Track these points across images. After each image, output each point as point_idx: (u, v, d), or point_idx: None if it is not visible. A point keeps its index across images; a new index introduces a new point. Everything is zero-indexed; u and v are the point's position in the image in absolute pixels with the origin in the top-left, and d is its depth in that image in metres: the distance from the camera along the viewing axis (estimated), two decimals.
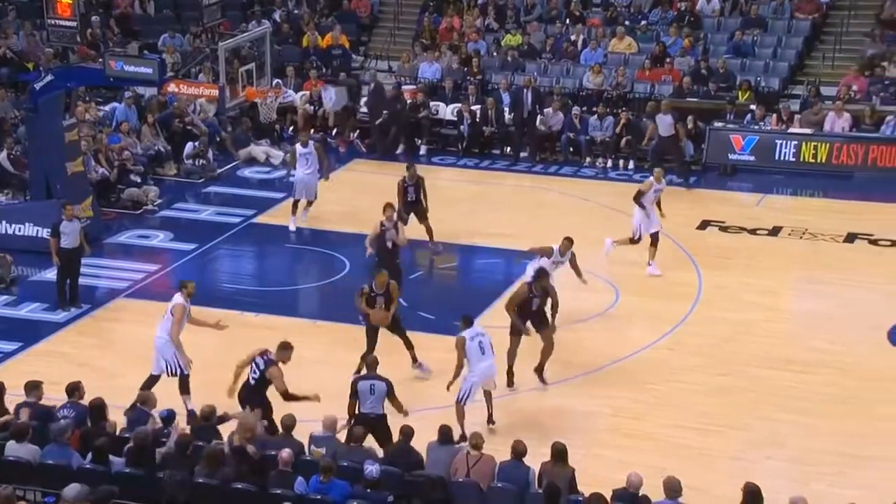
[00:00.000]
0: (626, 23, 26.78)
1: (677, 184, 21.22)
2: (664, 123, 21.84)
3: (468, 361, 13.02)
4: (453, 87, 25.13)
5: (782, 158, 22.64)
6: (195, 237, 19.37)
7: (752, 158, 22.86)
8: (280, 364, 12.42)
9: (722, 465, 12.66)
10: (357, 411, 12.29)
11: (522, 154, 23.81)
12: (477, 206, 20.91)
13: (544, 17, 27.68)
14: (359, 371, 13.52)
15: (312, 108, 24.80)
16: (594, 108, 24.14)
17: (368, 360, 12.88)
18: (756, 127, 23.14)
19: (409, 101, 24.25)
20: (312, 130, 23.73)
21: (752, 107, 23.52)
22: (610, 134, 23.55)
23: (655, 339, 15.69)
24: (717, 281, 17.49)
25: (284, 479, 10.62)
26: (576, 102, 24.52)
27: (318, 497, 10.40)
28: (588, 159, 23.59)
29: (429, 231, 18.38)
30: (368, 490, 10.48)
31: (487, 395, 13.42)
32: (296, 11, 28.54)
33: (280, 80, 24.54)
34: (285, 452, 10.72)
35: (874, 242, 19.02)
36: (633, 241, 17.64)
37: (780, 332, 15.92)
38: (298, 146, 19.87)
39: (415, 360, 14.61)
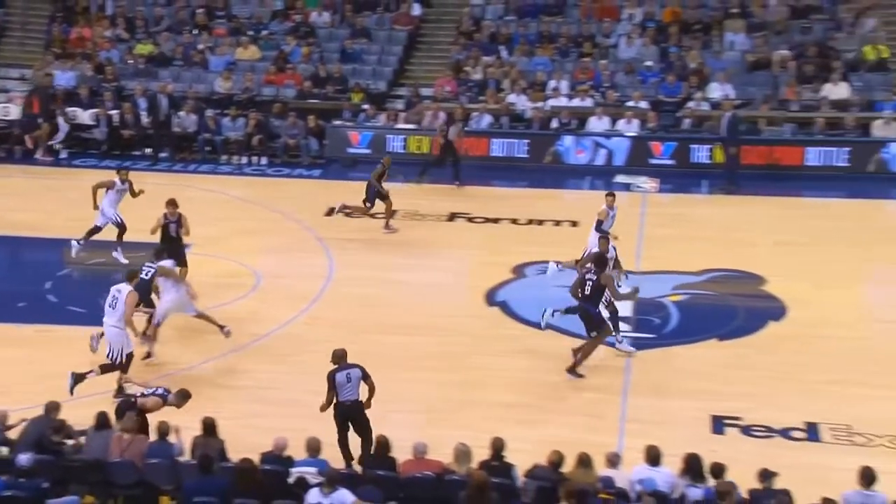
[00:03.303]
0: (250, 32, 26.61)
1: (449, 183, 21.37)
2: (455, 130, 21.86)
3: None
4: (90, 94, 24.07)
5: (394, 150, 23.32)
6: None
7: (368, 151, 23.35)
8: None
9: None
10: (336, 401, 11.52)
11: (162, 154, 23.14)
12: (123, 205, 20.03)
13: (173, 28, 26.96)
14: None
15: None
16: (226, 111, 23.92)
17: (338, 352, 11.91)
18: (369, 124, 23.75)
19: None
20: None
21: (365, 106, 24.08)
22: (242, 133, 23.39)
23: (293, 315, 15.75)
24: (345, 261, 17.70)
25: None
26: (209, 105, 24.15)
27: None
28: (224, 157, 23.32)
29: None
30: (21, 479, 9.77)
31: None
32: None
33: None
34: None
35: (471, 220, 19.99)
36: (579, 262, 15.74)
37: (401, 302, 16.24)
38: None
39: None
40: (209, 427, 10.79)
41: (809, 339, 14.62)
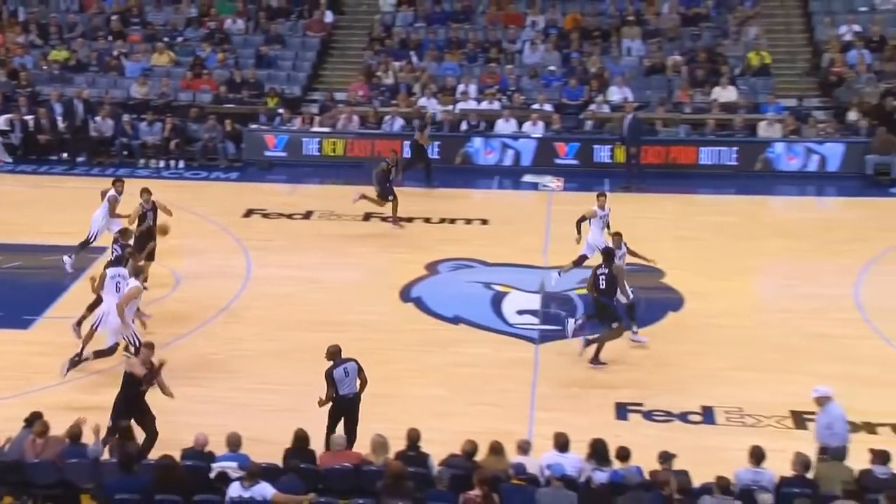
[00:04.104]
0: (165, 39, 26.19)
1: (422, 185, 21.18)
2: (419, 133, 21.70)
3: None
4: (3, 99, 23.47)
5: (309, 153, 23.25)
6: None
7: (284, 154, 23.22)
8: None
9: (280, 418, 12.64)
10: (336, 395, 11.38)
11: (80, 158, 22.66)
12: (42, 209, 19.64)
13: (87, 34, 26.40)
14: None
15: None
16: (143, 115, 23.51)
17: (332, 349, 11.75)
18: (285, 127, 23.57)
19: None
20: None
21: (280, 110, 23.90)
22: (160, 138, 23.01)
23: (213, 315, 15.54)
24: (264, 260, 17.59)
25: None
26: (125, 110, 23.70)
27: None
28: (142, 161, 22.91)
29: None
30: None
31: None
32: None
33: None
34: None
35: (386, 220, 19.92)
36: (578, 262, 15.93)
37: (319, 300, 16.17)
38: None
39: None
40: (124, 432, 10.61)
41: (705, 329, 14.98)
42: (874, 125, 22.15)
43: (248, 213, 19.81)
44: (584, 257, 15.87)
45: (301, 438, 10.68)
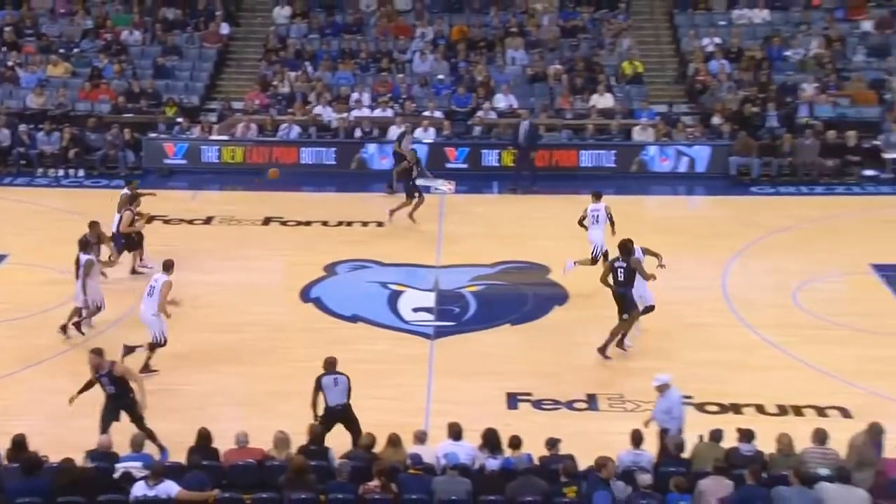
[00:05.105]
0: (61, 50, 25.42)
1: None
2: (407, 142, 21.15)
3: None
4: None
5: (209, 161, 22.84)
6: None
7: (184, 162, 22.77)
8: None
9: (183, 418, 12.30)
10: (325, 405, 11.06)
11: None
12: None
13: None
14: None
15: None
16: (40, 125, 22.78)
17: (328, 360, 11.51)
18: (184, 136, 23.11)
19: None
20: None
21: (179, 119, 23.45)
22: (58, 147, 22.32)
23: (117, 318, 15.09)
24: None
25: None
26: (22, 120, 22.94)
27: None
28: (40, 170, 22.19)
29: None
30: None
31: None
32: None
33: None
34: None
35: (284, 223, 19.79)
36: (593, 260, 16.02)
37: (220, 302, 15.95)
38: None
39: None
40: (17, 444, 10.23)
41: (588, 321, 15.23)
42: (735, 129, 22.89)
43: (150, 219, 19.32)
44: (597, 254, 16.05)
45: (204, 437, 10.53)
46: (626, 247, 14.01)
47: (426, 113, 23.88)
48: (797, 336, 14.56)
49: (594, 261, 16.01)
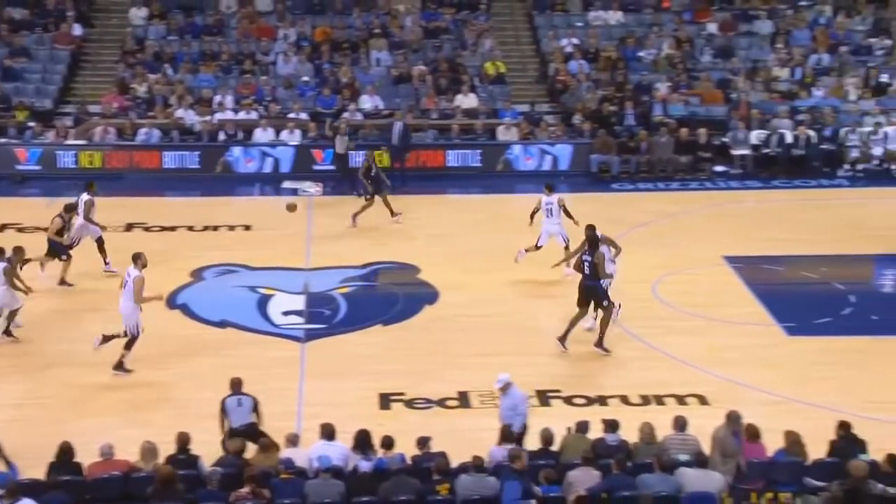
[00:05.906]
0: None
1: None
2: (341, 143, 21.03)
3: None
4: None
5: (65, 166, 22.02)
6: None
7: (38, 168, 21.92)
8: None
9: (45, 433, 11.83)
10: (230, 427, 10.98)
11: None
12: None
13: None
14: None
15: None
16: None
17: (234, 380, 11.17)
18: (37, 141, 22.21)
19: None
20: None
21: (31, 124, 22.54)
22: None
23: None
24: (30, 274, 16.27)
25: None
26: None
27: None
28: None
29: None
30: None
31: None
32: None
33: None
34: None
35: (148, 230, 19.26)
36: (537, 247, 16.48)
37: (86, 310, 15.36)
38: None
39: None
40: None
41: (459, 319, 15.36)
42: (595, 128, 23.52)
43: (2, 227, 18.52)
44: (538, 246, 16.50)
45: (65, 451, 10.11)
46: (593, 239, 14.13)
47: (291, 115, 23.63)
48: (657, 328, 15.03)
49: (538, 247, 16.55)
